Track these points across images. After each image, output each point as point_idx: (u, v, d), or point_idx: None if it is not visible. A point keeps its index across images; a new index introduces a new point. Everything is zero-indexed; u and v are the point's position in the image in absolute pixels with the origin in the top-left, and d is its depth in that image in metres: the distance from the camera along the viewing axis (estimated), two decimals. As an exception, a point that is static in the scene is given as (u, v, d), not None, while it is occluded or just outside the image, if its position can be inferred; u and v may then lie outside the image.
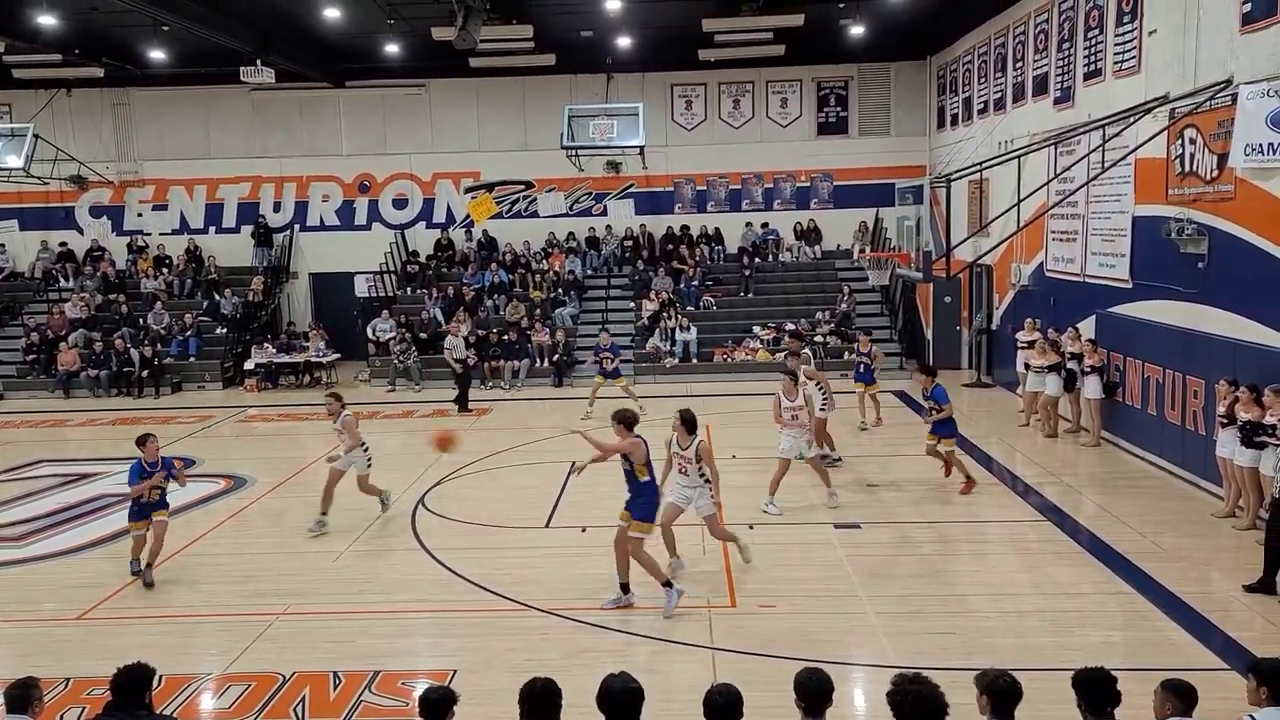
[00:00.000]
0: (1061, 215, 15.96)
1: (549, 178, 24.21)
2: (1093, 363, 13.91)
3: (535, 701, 4.53)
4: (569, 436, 15.70)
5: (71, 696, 7.16)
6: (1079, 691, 4.53)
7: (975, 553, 10.22)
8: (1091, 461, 13.56)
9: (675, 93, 24.20)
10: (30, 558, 10.69)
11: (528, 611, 8.67)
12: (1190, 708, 4.58)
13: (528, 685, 4.58)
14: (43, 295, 24.00)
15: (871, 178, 23.82)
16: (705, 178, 24.54)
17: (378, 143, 24.60)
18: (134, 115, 24.64)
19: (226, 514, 12.08)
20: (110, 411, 19.36)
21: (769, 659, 7.48)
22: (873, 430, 15.66)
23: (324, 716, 6.93)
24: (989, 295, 19.62)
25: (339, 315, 23.71)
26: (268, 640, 8.21)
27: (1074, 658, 6.75)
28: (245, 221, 24.86)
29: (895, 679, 4.36)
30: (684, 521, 11.01)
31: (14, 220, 25.03)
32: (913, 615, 8.42)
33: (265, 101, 24.09)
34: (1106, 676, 4.49)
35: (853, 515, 11.18)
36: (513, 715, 4.58)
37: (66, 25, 18.67)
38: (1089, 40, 14.96)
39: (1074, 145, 15.24)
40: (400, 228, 24.87)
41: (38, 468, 14.68)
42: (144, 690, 4.91)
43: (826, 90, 24.05)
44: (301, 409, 18.96)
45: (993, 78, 19.15)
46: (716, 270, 23.94)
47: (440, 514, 11.70)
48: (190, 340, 22.03)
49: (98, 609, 9.06)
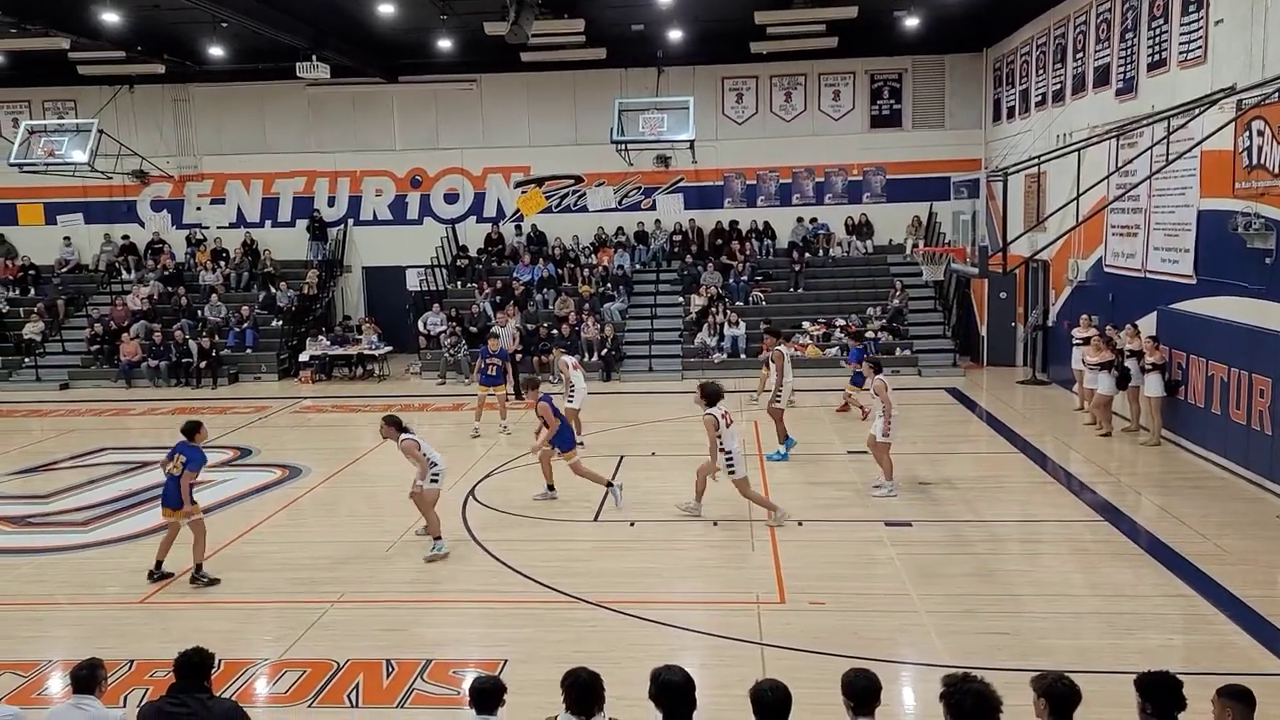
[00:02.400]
0: (1123, 209, 15.62)
1: (598, 172, 24.25)
2: (1154, 360, 13.59)
3: (578, 691, 4.55)
4: (616, 430, 15.76)
5: (135, 678, 7.33)
6: (1143, 695, 4.42)
7: (1029, 552, 10.06)
8: (1151, 461, 13.26)
9: (726, 86, 24.08)
10: (94, 542, 10.97)
11: (576, 604, 8.71)
12: (1250, 710, 4.46)
13: (570, 675, 4.60)
14: (106, 287, 24.61)
15: (925, 171, 23.50)
16: (755, 172, 24.41)
17: (430, 138, 24.82)
18: (193, 111, 25.13)
19: (281, 503, 12.29)
20: (170, 401, 19.78)
21: (818, 656, 7.43)
22: (911, 425, 15.46)
23: (377, 703, 7.03)
24: (1045, 291, 19.28)
25: (391, 309, 24.00)
26: (322, 628, 8.34)
27: (1133, 661, 6.64)
28: (300, 215, 25.25)
29: (947, 679, 4.30)
30: (737, 515, 11.02)
31: (79, 214, 25.68)
32: (965, 615, 8.30)
33: (320, 97, 24.42)
34: (1172, 680, 4.38)
35: (904, 513, 11.05)
36: (561, 706, 4.60)
37: (130, 22, 19.09)
38: (1153, 30, 14.61)
39: (1136, 138, 14.90)
40: (451, 222, 25.08)
41: (101, 455, 15.04)
42: (205, 674, 5.01)
43: (880, 83, 23.77)
44: (354, 401, 19.22)
45: (1051, 69, 18.79)
46: (766, 265, 23.80)
47: (490, 506, 11.78)
48: (247, 332, 22.46)
49: (159, 593, 9.27)
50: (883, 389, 11.73)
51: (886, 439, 11.69)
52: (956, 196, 22.65)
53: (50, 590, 9.55)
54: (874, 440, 11.78)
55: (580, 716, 4.53)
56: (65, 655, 7.79)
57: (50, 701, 6.94)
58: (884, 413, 11.64)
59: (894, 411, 11.72)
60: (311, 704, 7.02)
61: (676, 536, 10.55)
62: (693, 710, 4.48)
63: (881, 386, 11.77)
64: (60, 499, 12.68)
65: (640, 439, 15.28)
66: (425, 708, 6.96)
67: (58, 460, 14.81)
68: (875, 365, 12.47)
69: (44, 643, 8.27)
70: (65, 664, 7.51)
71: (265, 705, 6.99)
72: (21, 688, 7.27)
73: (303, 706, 6.99)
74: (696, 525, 10.78)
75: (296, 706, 7.00)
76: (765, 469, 13.08)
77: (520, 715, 5.01)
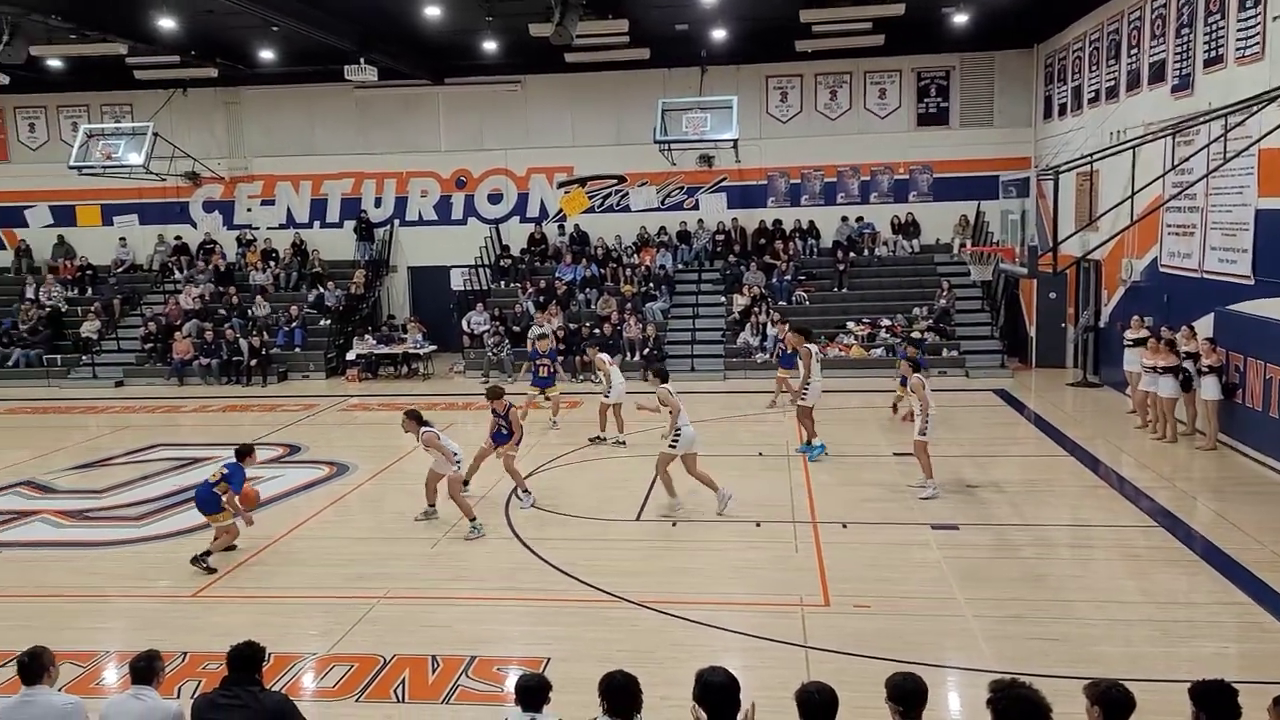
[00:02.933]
0: (1178, 208, 15.30)
1: (641, 172, 24.26)
2: (1210, 362, 13.29)
3: (615, 694, 4.55)
4: (657, 429, 15.74)
5: (189, 669, 7.46)
6: (1197, 704, 4.32)
7: (1079, 557, 9.88)
8: (1207, 466, 12.98)
9: (770, 84, 23.97)
10: (147, 537, 11.19)
11: (619, 603, 8.72)
12: None
13: (607, 678, 4.62)
14: (159, 287, 25.12)
15: (973, 170, 23.19)
16: (800, 170, 24.27)
17: (474, 139, 25.01)
18: (244, 113, 25.57)
19: (329, 500, 12.46)
20: (220, 399, 20.16)
21: (863, 659, 7.37)
22: (958, 427, 15.27)
23: (423, 699, 7.09)
24: (1097, 291, 18.95)
25: (436, 308, 24.23)
26: (369, 623, 8.43)
27: (1186, 669, 6.52)
28: (348, 216, 25.56)
29: (993, 684, 4.25)
30: (780, 517, 10.98)
31: (134, 215, 26.23)
32: (1012, 619, 8.18)
33: (368, 99, 24.71)
34: (1227, 689, 4.28)
35: (950, 516, 10.93)
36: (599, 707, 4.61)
37: (184, 27, 19.44)
38: (1209, 25, 14.29)
39: (1193, 135, 14.60)
40: (495, 222, 25.24)
41: (155, 451, 15.36)
42: (257, 666, 5.10)
43: (927, 80, 23.51)
44: (400, 399, 19.39)
45: (1105, 65, 18.46)
46: (810, 265, 23.64)
47: (534, 504, 11.83)
48: (295, 331, 22.80)
49: (210, 587, 9.44)
50: (920, 387, 11.65)
51: (924, 437, 11.60)
52: (1005, 195, 22.33)
53: (104, 583, 9.77)
54: (915, 440, 11.73)
55: (618, 719, 4.54)
56: (120, 646, 7.96)
57: (106, 691, 7.10)
58: (921, 411, 11.59)
59: (931, 410, 11.62)
60: (359, 698, 7.11)
61: (719, 537, 10.53)
62: (736, 711, 4.47)
63: (919, 385, 11.69)
64: (114, 494, 12.96)
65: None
66: (470, 704, 7.01)
67: (113, 456, 15.14)
68: (914, 363, 12.44)
69: (100, 634, 8.45)
70: (120, 655, 7.69)
71: (314, 699, 7.08)
72: (80, 677, 7.43)
73: (350, 701, 7.09)
74: (739, 526, 10.75)
75: (345, 701, 7.09)
76: (809, 470, 13.00)
77: (562, 713, 5.03)
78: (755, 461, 13.73)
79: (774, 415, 16.80)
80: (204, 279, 24.67)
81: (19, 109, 26.06)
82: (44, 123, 26.16)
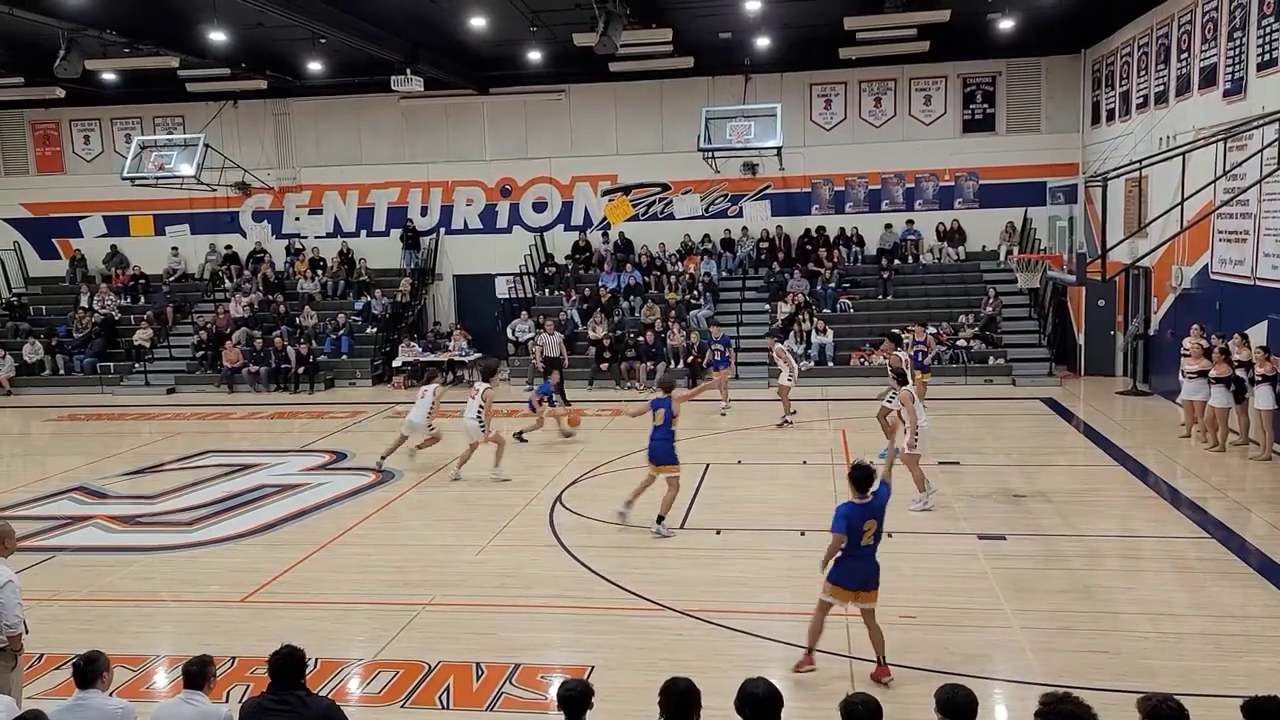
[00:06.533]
0: (1231, 214, 14.99)
1: (685, 180, 24.27)
2: (1264, 371, 12.98)
3: (677, 700, 4.54)
4: (701, 437, 15.73)
5: (237, 674, 7.59)
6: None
7: (1129, 569, 9.71)
8: (1262, 476, 12.68)
9: (814, 92, 23.88)
10: (198, 542, 11.39)
11: (663, 611, 8.72)
12: None
13: (669, 683, 4.58)
14: (210, 295, 25.60)
15: (1020, 176, 22.92)
16: (844, 178, 24.13)
17: (519, 147, 25.19)
18: (293, 124, 25.99)
19: (375, 506, 12.60)
20: (269, 406, 20.47)
21: (909, 670, 7.30)
22: (1005, 436, 15.06)
23: (467, 706, 7.14)
24: (1147, 299, 18.61)
25: (480, 316, 24.42)
26: (414, 630, 8.51)
27: (1240, 684, 6.39)
28: (394, 225, 25.85)
29: (1044, 698, 4.18)
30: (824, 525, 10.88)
31: (186, 225, 26.75)
32: (1061, 632, 8.06)
33: (414, 109, 25.00)
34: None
35: (998, 526, 10.79)
36: (646, 714, 4.60)
37: (234, 41, 19.84)
38: (1263, 28, 14.00)
39: (1245, 140, 14.30)
40: (539, 230, 25.40)
41: (205, 458, 15.64)
42: (300, 672, 5.13)
43: (973, 86, 23.28)
44: (445, 406, 19.48)
45: (1154, 70, 18.15)
46: (854, 272, 23.50)
47: (577, 512, 11.88)
48: (343, 339, 23.11)
49: (258, 593, 9.59)
50: (908, 400, 11.32)
51: (913, 452, 11.23)
52: (1053, 202, 22.04)
53: (156, 588, 9.96)
54: (902, 453, 11.07)
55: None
56: (171, 651, 8.12)
57: (156, 695, 7.25)
58: (909, 424, 11.22)
59: (922, 423, 11.27)
60: (404, 704, 7.18)
61: (763, 545, 10.49)
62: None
63: (907, 398, 11.35)
64: (166, 500, 13.21)
65: (726, 446, 15.24)
66: (513, 711, 7.05)
67: (165, 462, 15.44)
68: (899, 375, 11.85)
69: (151, 638, 8.62)
70: (171, 659, 7.85)
71: (359, 705, 7.16)
72: (131, 681, 7.57)
73: (396, 707, 7.15)
74: (783, 535, 10.69)
75: (390, 707, 7.16)
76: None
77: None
78: (800, 470, 13.66)
79: (819, 423, 16.69)
80: (253, 288, 25.11)
81: (74, 121, 26.71)
82: (98, 135, 26.79)
